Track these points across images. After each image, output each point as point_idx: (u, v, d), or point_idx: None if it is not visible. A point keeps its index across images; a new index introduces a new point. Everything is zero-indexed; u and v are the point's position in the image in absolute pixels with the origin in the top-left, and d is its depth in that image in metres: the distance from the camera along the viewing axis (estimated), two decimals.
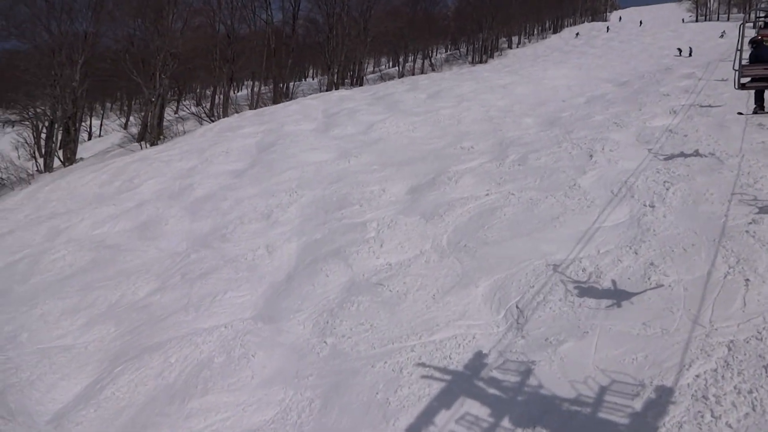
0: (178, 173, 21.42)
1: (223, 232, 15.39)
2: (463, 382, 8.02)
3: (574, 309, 9.13)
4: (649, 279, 9.38)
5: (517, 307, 9.65)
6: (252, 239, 14.68)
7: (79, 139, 51.11)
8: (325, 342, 9.75)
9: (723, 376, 6.96)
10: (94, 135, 55.92)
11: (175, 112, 51.15)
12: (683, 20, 74.95)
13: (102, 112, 63.39)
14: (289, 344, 9.91)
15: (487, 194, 14.66)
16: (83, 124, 55.07)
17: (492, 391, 7.61)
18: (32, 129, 30.47)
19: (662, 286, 9.09)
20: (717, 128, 16.47)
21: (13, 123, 30.82)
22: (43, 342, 11.07)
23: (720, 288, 8.73)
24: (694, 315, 8.27)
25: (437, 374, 8.26)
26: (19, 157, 29.98)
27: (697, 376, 7.08)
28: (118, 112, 62.64)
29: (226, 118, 33.24)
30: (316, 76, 71.61)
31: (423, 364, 8.56)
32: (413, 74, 54.19)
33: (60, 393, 9.52)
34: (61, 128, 30.13)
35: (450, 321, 9.62)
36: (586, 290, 9.54)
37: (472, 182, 15.84)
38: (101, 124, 59.41)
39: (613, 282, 9.63)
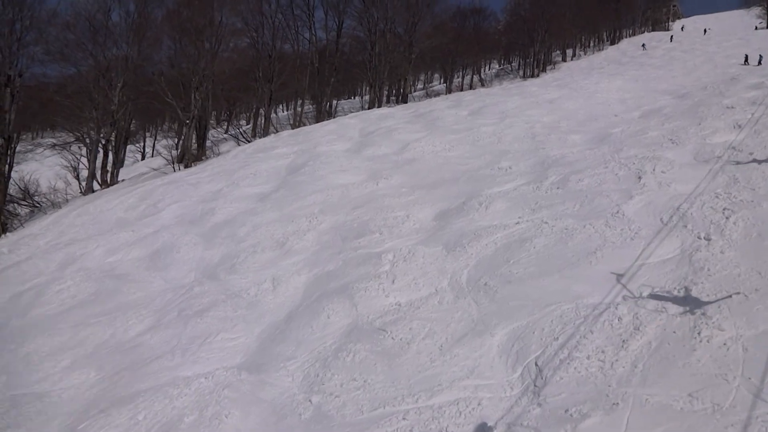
0: (204, 196, 20.68)
1: (233, 261, 14.39)
2: None
3: (603, 371, 7.51)
4: (699, 334, 7.67)
5: (536, 364, 8.09)
6: (260, 270, 13.62)
7: (134, 160, 52.42)
8: (310, 401, 8.42)
9: None
10: (147, 155, 56.99)
11: (225, 132, 51.47)
12: (756, 27, 70.37)
13: (155, 132, 64.63)
14: (270, 401, 8.64)
15: (517, 222, 13.13)
16: (137, 145, 56.45)
17: None
18: (87, 150, 30.84)
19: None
20: None
21: (56, 146, 31.14)
22: (19, 387, 10.22)
23: None
24: (755, 386, 6.56)
25: None
26: (77, 179, 30.31)
27: None
28: (173, 133, 63.59)
29: (261, 139, 32.61)
30: (365, 93, 71.05)
31: None
32: (461, 90, 52.64)
33: None
34: (100, 151, 30.23)
35: (455, 380, 8.14)
36: (620, 345, 7.89)
37: (503, 207, 14.35)
38: (153, 145, 60.53)
39: (655, 335, 7.95)
